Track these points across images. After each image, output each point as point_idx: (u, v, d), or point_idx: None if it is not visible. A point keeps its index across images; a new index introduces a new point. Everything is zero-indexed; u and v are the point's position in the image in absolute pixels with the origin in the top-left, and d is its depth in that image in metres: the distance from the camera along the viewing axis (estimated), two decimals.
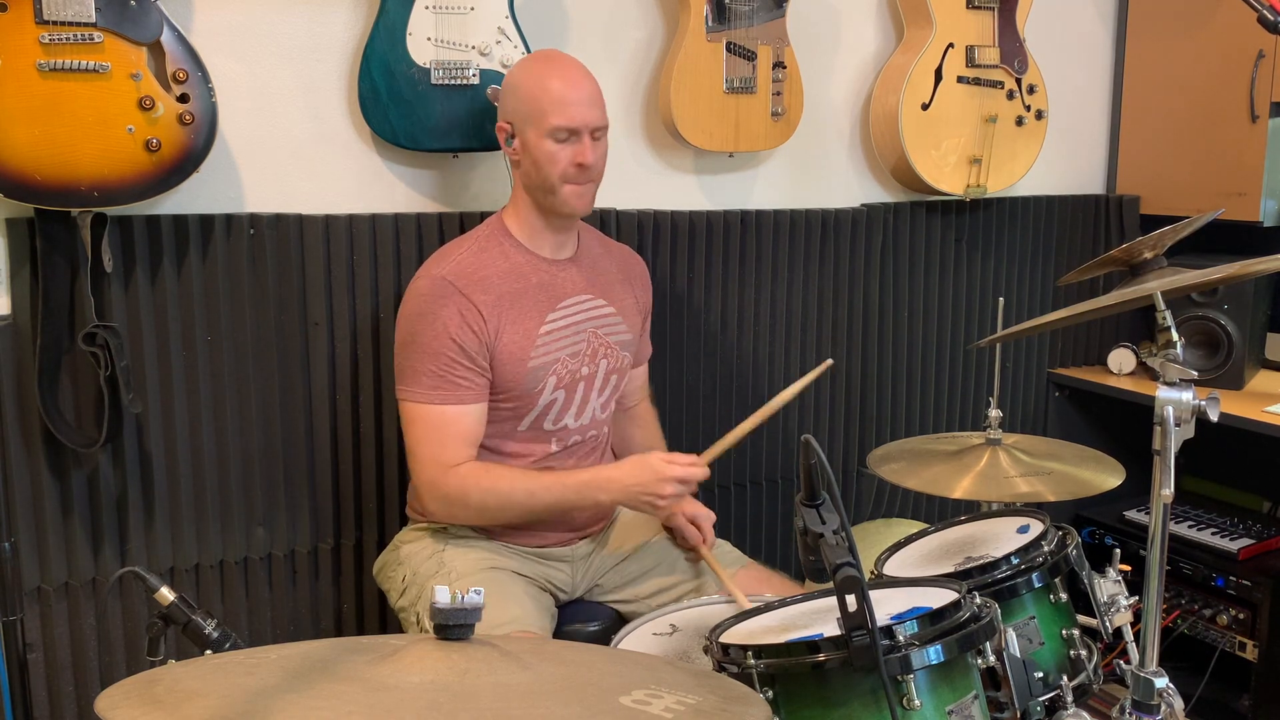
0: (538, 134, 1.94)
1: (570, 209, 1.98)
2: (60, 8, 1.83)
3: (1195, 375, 1.52)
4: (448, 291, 1.92)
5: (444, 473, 1.91)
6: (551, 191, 1.96)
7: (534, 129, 1.94)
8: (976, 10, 2.68)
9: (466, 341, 1.91)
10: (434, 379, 1.91)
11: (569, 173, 1.95)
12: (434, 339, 1.91)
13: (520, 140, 1.97)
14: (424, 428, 1.93)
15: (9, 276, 1.99)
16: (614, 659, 1.26)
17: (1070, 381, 3.06)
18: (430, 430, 1.92)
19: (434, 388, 1.91)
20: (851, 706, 1.34)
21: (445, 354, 1.91)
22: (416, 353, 1.93)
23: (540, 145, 1.94)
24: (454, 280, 1.93)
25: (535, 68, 2.02)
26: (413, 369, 1.93)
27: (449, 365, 1.91)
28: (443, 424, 1.92)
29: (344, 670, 1.04)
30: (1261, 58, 2.67)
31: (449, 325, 1.91)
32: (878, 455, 2.14)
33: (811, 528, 1.30)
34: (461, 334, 1.91)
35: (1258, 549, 2.72)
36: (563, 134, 1.93)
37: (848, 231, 2.73)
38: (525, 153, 1.96)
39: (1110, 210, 3.07)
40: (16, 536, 1.82)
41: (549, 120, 1.93)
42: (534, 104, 1.95)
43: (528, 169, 1.97)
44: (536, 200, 2.00)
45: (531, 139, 1.95)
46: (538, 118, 1.94)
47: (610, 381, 2.09)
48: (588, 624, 2.03)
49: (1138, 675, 1.57)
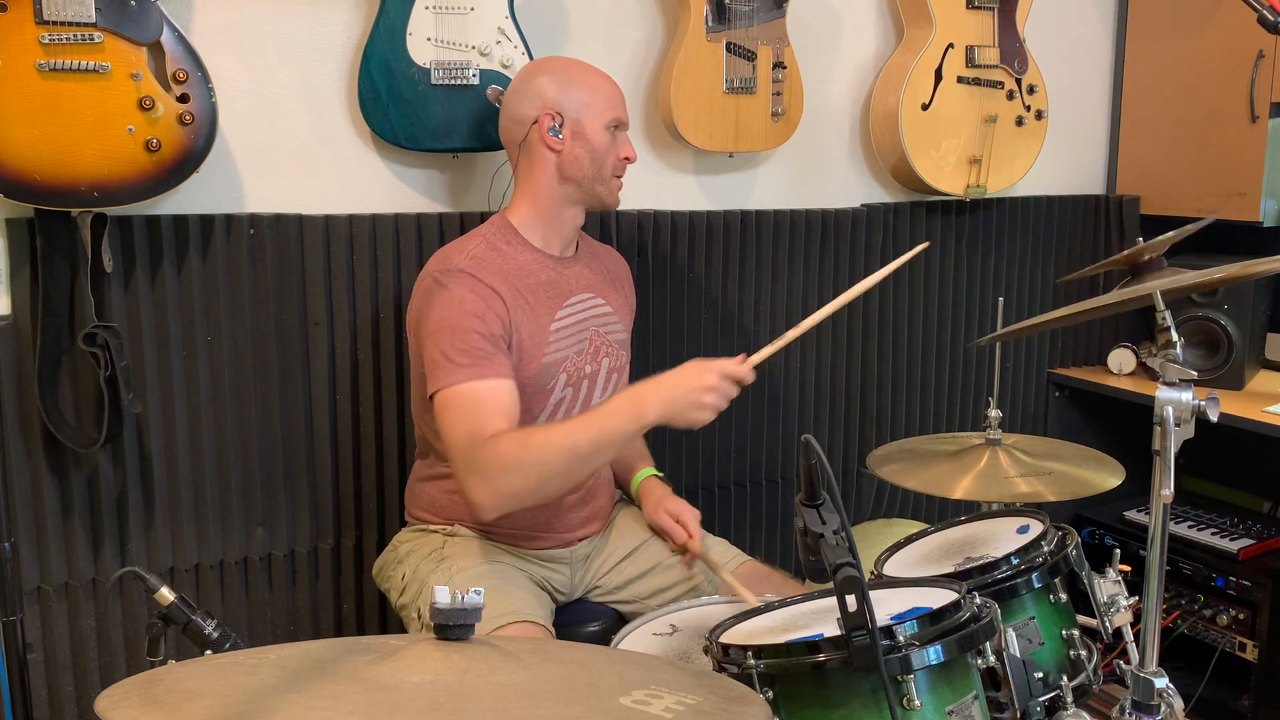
0: (596, 125, 1.97)
1: (614, 200, 2.05)
2: (60, 8, 1.83)
3: (1195, 375, 1.52)
4: (465, 279, 1.88)
5: (480, 446, 1.75)
6: (602, 181, 2.00)
7: (593, 119, 1.97)
8: (976, 10, 2.68)
9: (490, 321, 1.86)
10: (463, 356, 1.82)
11: (618, 165, 2.01)
12: (457, 319, 1.84)
13: (571, 130, 1.96)
14: (457, 411, 1.80)
15: (9, 276, 1.99)
16: (614, 659, 1.26)
17: (1070, 381, 3.07)
18: (463, 411, 1.80)
19: (464, 366, 1.81)
20: (851, 706, 1.34)
21: (471, 330, 1.83)
22: (441, 339, 1.84)
23: (600, 135, 1.97)
24: (470, 271, 1.90)
25: (573, 64, 2.06)
26: (440, 357, 1.83)
27: (477, 342, 1.83)
28: (475, 401, 1.81)
29: (344, 670, 1.04)
30: (1261, 58, 2.67)
31: (474, 305, 1.85)
32: (878, 455, 2.14)
33: (811, 528, 1.30)
34: (485, 313, 1.86)
35: (1258, 549, 2.72)
36: (614, 127, 1.99)
37: (848, 231, 2.73)
38: (579, 142, 1.96)
39: (1110, 210, 3.07)
40: (16, 536, 1.81)
41: (609, 113, 1.98)
42: (593, 95, 1.98)
43: (578, 158, 1.97)
44: (577, 191, 1.99)
45: (590, 129, 1.96)
46: (596, 109, 1.97)
47: (611, 380, 2.09)
48: (588, 624, 2.03)
49: (1138, 675, 1.57)
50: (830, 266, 2.71)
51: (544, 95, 1.98)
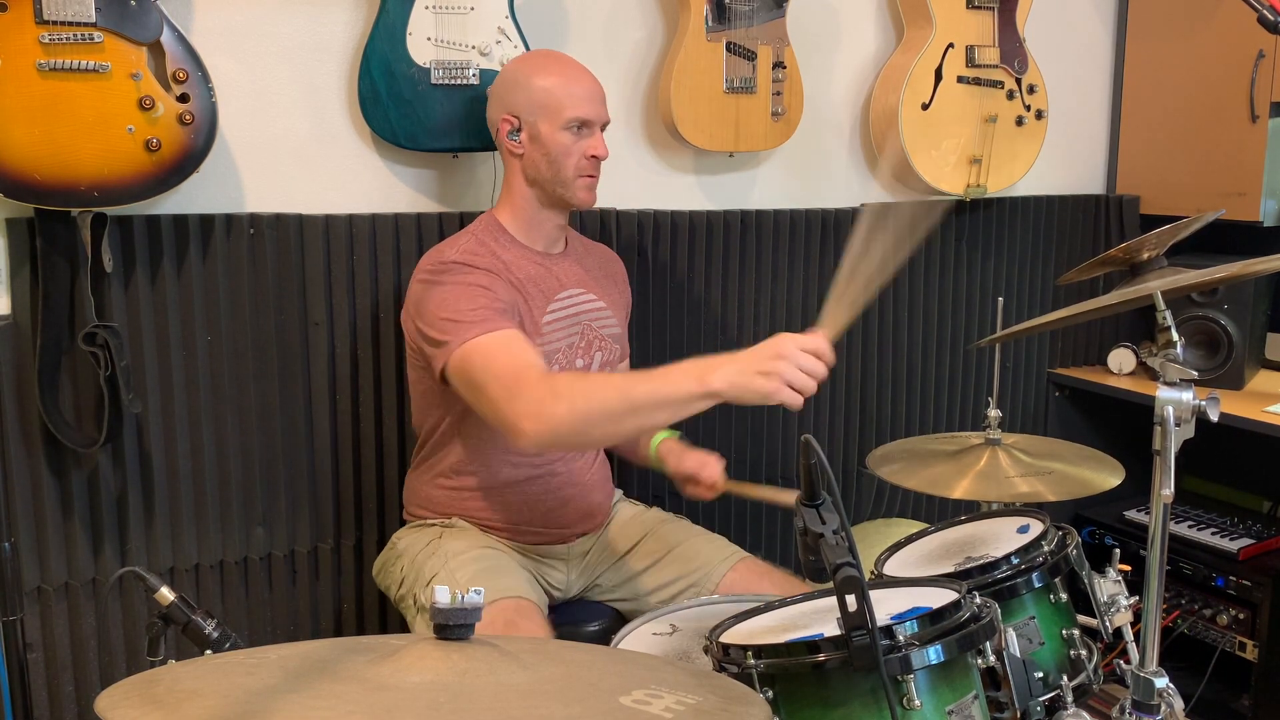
0: (552, 126, 1.94)
1: (581, 201, 2.00)
2: (60, 8, 1.83)
3: (1195, 375, 1.52)
4: (462, 269, 1.88)
5: (527, 372, 1.70)
6: (564, 184, 1.97)
7: (548, 121, 1.94)
8: (976, 10, 2.68)
9: (500, 291, 1.86)
10: (478, 313, 1.79)
11: (583, 165, 1.97)
12: (464, 288, 1.83)
13: (529, 133, 1.96)
14: (487, 353, 1.75)
15: (9, 276, 1.99)
16: (614, 659, 1.26)
17: (1070, 381, 3.06)
18: (498, 349, 1.76)
19: (480, 320, 1.79)
20: (851, 706, 1.34)
21: (480, 292, 1.83)
22: (448, 308, 1.82)
23: (555, 138, 1.94)
24: (466, 262, 1.90)
25: (541, 62, 2.02)
26: (449, 322, 1.80)
27: (489, 300, 1.82)
28: (505, 343, 1.77)
29: (344, 670, 1.04)
30: (1261, 58, 2.67)
31: (477, 279, 1.85)
32: (878, 455, 2.14)
33: (811, 528, 1.30)
34: (493, 285, 1.86)
35: (1258, 549, 2.72)
36: (577, 126, 1.95)
37: (848, 231, 2.72)
38: (536, 145, 1.96)
39: (1110, 210, 3.07)
40: (16, 536, 1.82)
41: (566, 112, 1.94)
42: (548, 96, 1.95)
43: (537, 162, 1.97)
44: (543, 194, 2.00)
45: (545, 131, 1.95)
46: (553, 110, 1.94)
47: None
48: (588, 624, 2.04)
49: (1138, 675, 1.57)
50: (830, 266, 2.71)
51: (503, 99, 1.99)
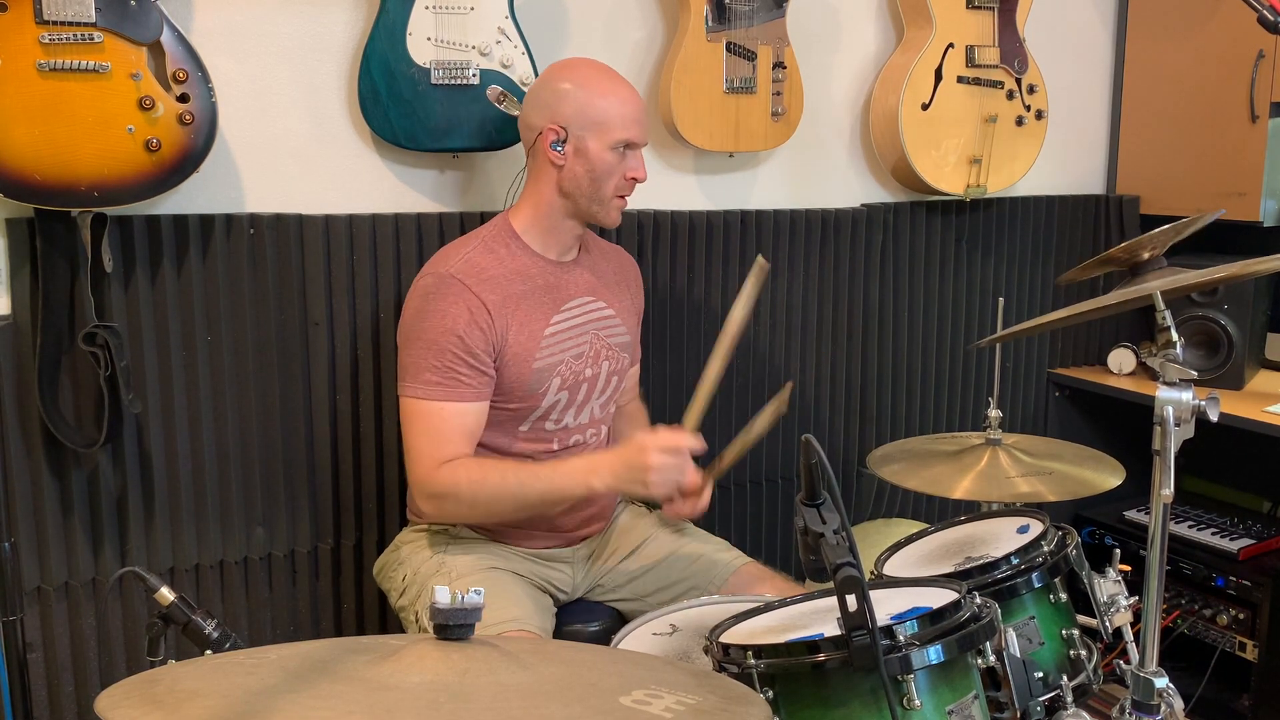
0: (601, 144, 1.93)
1: (612, 220, 2.02)
2: (60, 8, 1.83)
3: (1195, 375, 1.52)
4: (456, 288, 1.91)
5: (436, 468, 1.87)
6: (600, 202, 1.97)
7: (597, 138, 1.93)
8: (976, 10, 2.68)
9: (473, 338, 1.89)
10: (436, 374, 1.89)
11: (622, 185, 1.98)
12: (439, 334, 1.89)
13: (574, 146, 1.94)
14: (423, 424, 1.90)
15: (9, 276, 1.99)
16: (614, 659, 1.26)
17: (1070, 381, 3.06)
18: (428, 427, 1.89)
19: (435, 384, 1.89)
20: (851, 706, 1.34)
21: (449, 349, 1.89)
22: (420, 348, 1.90)
23: (602, 156, 1.94)
24: (462, 278, 1.91)
25: (594, 76, 1.99)
26: (415, 364, 1.91)
27: (453, 361, 1.89)
28: (441, 421, 1.90)
29: (344, 670, 1.04)
30: (1261, 58, 2.67)
31: (456, 321, 1.89)
32: (878, 455, 2.15)
33: (812, 527, 1.30)
34: (469, 331, 1.89)
35: (1258, 549, 2.72)
36: (624, 147, 1.95)
37: (848, 231, 2.73)
38: (580, 160, 1.94)
39: (1110, 210, 3.07)
40: (16, 536, 1.81)
41: (617, 133, 1.94)
42: (601, 113, 1.93)
43: (578, 176, 1.95)
44: (573, 206, 1.98)
45: (593, 148, 1.93)
46: (605, 128, 1.93)
47: (611, 383, 2.09)
48: (588, 624, 2.04)
49: (1138, 675, 1.57)
50: (830, 266, 2.71)
51: (553, 107, 1.96)
